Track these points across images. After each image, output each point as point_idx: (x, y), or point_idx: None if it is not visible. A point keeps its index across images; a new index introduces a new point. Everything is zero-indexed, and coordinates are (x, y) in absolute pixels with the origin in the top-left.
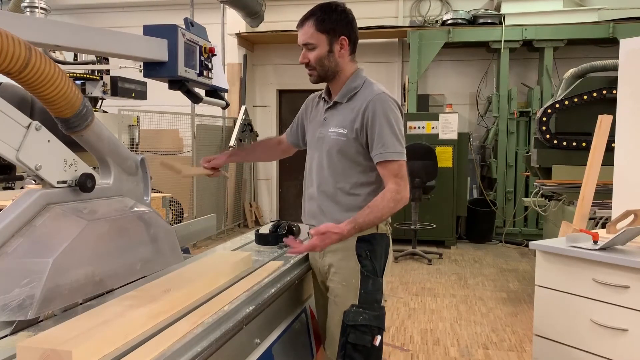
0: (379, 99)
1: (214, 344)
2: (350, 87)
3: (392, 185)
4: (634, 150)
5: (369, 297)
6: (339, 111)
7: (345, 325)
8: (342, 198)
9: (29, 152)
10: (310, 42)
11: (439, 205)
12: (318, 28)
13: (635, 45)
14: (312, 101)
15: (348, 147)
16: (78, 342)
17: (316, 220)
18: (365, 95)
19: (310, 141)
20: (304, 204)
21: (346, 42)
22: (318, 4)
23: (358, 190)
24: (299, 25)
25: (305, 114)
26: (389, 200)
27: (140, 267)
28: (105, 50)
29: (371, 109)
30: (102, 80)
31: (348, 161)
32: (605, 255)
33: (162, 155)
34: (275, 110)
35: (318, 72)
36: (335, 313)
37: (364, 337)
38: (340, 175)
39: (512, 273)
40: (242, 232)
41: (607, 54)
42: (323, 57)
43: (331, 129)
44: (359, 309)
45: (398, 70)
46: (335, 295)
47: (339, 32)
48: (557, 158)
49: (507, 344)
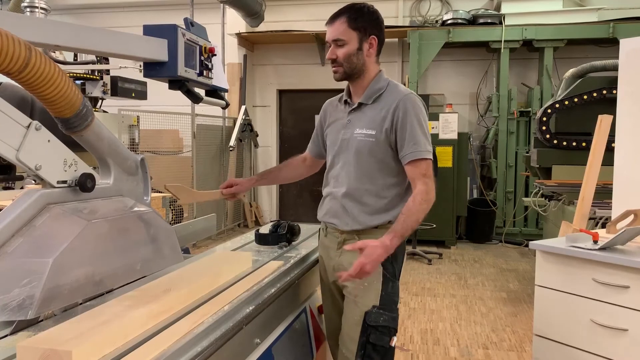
0: (409, 99)
1: (214, 344)
2: (375, 88)
3: (421, 187)
4: (634, 150)
5: (389, 299)
6: (365, 113)
7: (367, 326)
8: (368, 199)
9: (29, 152)
10: (340, 39)
11: (439, 205)
12: (350, 25)
13: (635, 45)
14: (330, 106)
15: (377, 148)
16: (78, 342)
17: (339, 220)
18: (393, 95)
19: (331, 143)
20: (323, 202)
21: (375, 41)
22: (349, 4)
23: (385, 192)
24: (329, 23)
25: (325, 120)
26: (420, 203)
27: (140, 267)
28: (105, 50)
29: (402, 108)
30: (102, 80)
31: (376, 162)
32: (605, 255)
33: (162, 155)
34: (275, 110)
35: (344, 69)
36: (355, 313)
37: (383, 337)
38: (368, 177)
39: (512, 273)
40: (242, 232)
41: (607, 54)
42: (352, 54)
43: (357, 130)
44: (380, 310)
45: (398, 70)
46: (355, 295)
47: (369, 31)
48: (557, 158)
49: (507, 344)
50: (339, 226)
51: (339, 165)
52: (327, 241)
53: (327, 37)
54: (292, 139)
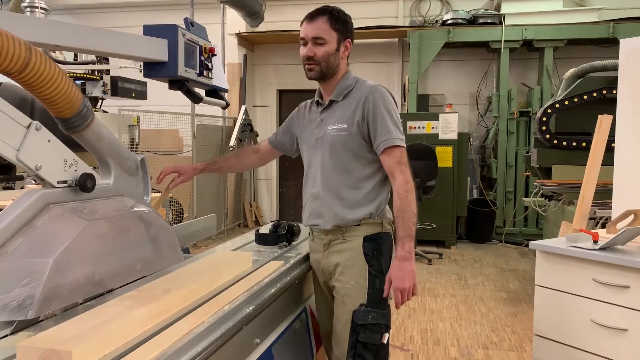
0: (377, 90)
1: (214, 344)
2: (344, 85)
3: (400, 177)
4: (634, 150)
5: (377, 296)
6: (336, 109)
7: (355, 325)
8: (346, 193)
9: (29, 152)
10: (322, 37)
11: (439, 205)
12: (332, 25)
13: (635, 45)
14: (302, 108)
15: (350, 141)
16: (78, 342)
17: (321, 220)
18: (361, 89)
19: (307, 144)
20: (305, 206)
21: (349, 45)
22: (324, 5)
23: (362, 183)
24: (309, 19)
25: (298, 121)
26: (406, 195)
27: (140, 267)
28: (105, 50)
29: (371, 100)
30: (102, 80)
31: (351, 155)
32: (605, 255)
33: (162, 155)
34: (275, 110)
35: (321, 68)
36: (344, 313)
37: (373, 335)
38: (343, 170)
39: (512, 273)
40: (242, 232)
41: (607, 54)
42: (331, 54)
43: (330, 127)
44: (367, 308)
45: (398, 70)
46: (343, 295)
47: (346, 34)
48: (557, 158)
49: (507, 344)
50: (321, 225)
51: (314, 163)
52: (314, 245)
53: (304, 34)
54: None
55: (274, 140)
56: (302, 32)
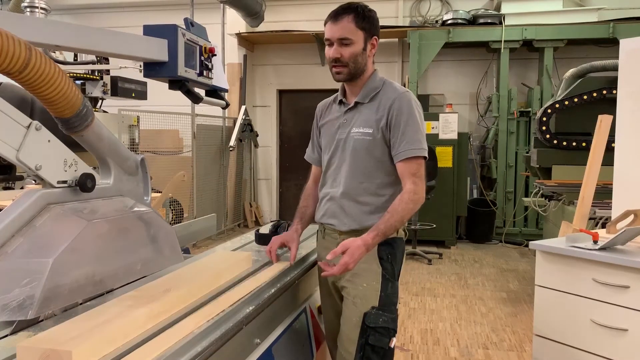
0: (405, 97)
1: (214, 344)
2: (371, 87)
3: (409, 186)
4: (634, 150)
5: (388, 300)
6: (361, 111)
7: (366, 327)
8: (366, 198)
9: (29, 152)
10: (348, 37)
11: (439, 205)
12: (358, 24)
13: (635, 45)
14: (323, 107)
15: (374, 146)
16: (78, 342)
17: (337, 220)
18: (388, 94)
19: (327, 144)
20: (320, 204)
21: (376, 42)
22: (349, 3)
23: (383, 190)
24: (332, 19)
25: (321, 120)
26: (407, 202)
27: (140, 267)
28: (105, 50)
29: (397, 107)
30: (102, 80)
31: (373, 161)
32: (605, 255)
33: (162, 155)
34: (275, 110)
35: (350, 69)
36: (354, 314)
37: (382, 339)
38: (365, 175)
39: (512, 273)
40: (242, 232)
41: (607, 54)
42: (358, 54)
43: (354, 130)
44: (379, 311)
45: (398, 70)
46: (354, 296)
47: (373, 31)
48: (557, 158)
49: (507, 344)
50: (337, 227)
51: (335, 164)
52: (325, 243)
53: (329, 34)
54: (292, 139)
55: (317, 159)
56: (326, 32)
